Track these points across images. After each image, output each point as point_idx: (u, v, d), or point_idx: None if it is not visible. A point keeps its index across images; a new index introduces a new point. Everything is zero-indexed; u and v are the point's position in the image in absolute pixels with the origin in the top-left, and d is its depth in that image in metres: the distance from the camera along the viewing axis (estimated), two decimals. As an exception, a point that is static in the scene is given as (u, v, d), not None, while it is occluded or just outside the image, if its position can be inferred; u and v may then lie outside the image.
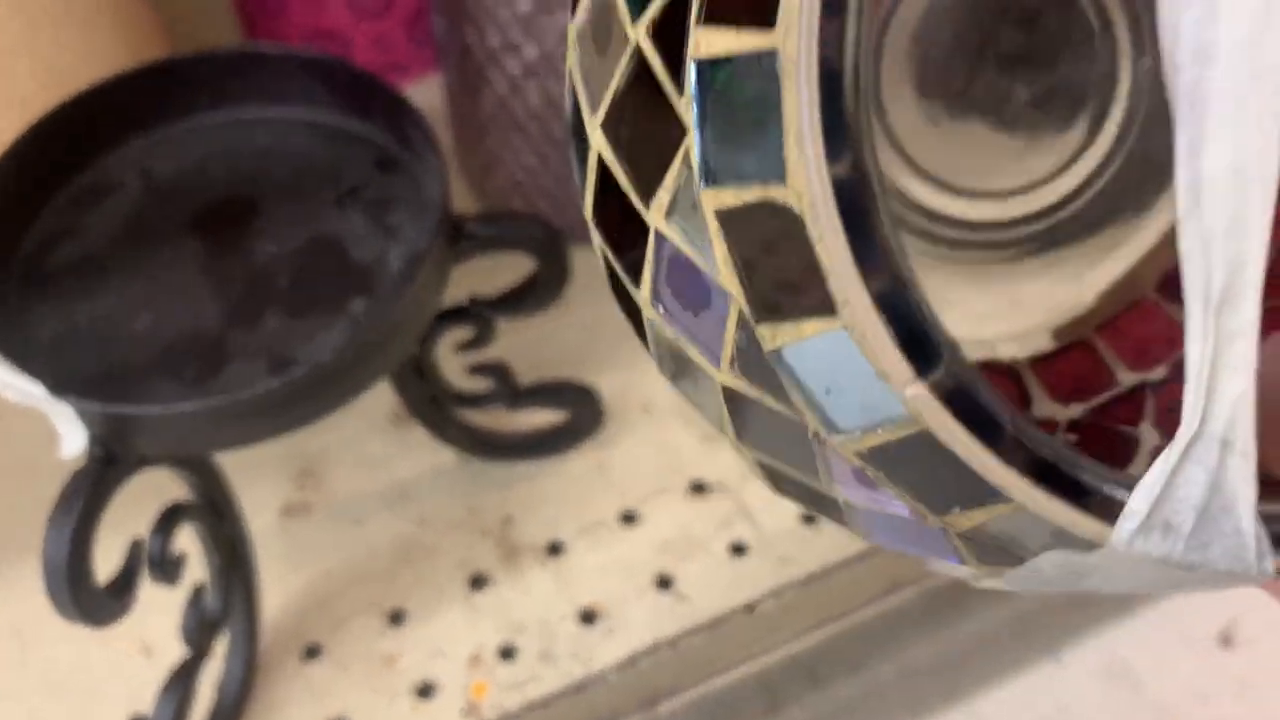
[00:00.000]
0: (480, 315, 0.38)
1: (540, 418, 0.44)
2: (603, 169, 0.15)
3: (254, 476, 0.42)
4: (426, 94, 0.53)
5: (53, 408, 0.30)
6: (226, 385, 0.32)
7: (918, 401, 0.13)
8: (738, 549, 0.42)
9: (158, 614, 0.38)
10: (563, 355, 0.46)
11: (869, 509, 0.15)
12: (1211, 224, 0.11)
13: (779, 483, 0.17)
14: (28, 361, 0.31)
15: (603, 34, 0.15)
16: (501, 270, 0.38)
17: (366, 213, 0.35)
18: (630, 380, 0.46)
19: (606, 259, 0.16)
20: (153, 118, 0.37)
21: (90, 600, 0.31)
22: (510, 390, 0.42)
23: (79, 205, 0.36)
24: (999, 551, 0.14)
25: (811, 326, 0.13)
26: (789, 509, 0.42)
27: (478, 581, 0.41)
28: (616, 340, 0.46)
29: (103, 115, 0.36)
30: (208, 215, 0.36)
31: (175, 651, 0.38)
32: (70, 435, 0.31)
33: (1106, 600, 0.45)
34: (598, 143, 0.15)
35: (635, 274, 0.15)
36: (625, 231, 0.15)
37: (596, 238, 0.16)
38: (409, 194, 0.36)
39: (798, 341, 0.13)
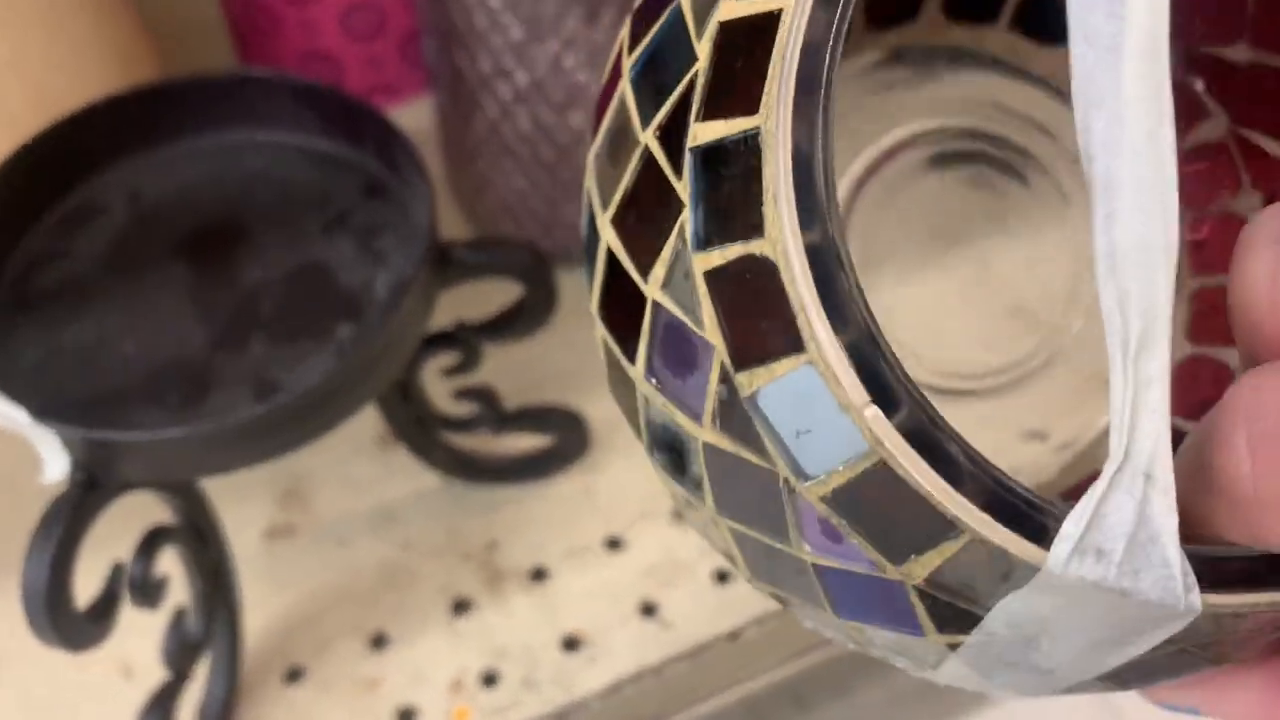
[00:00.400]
0: (466, 340, 0.38)
1: (526, 442, 0.44)
2: (610, 260, 0.17)
3: (238, 498, 0.42)
4: (418, 115, 0.53)
5: (35, 433, 0.30)
6: (212, 411, 0.32)
7: (876, 425, 0.14)
8: (722, 576, 0.42)
9: (138, 636, 0.38)
10: (549, 380, 0.46)
11: (835, 569, 0.16)
12: (1126, 284, 0.13)
13: (753, 562, 0.17)
14: (11, 385, 0.31)
15: (618, 147, 0.17)
16: (489, 294, 0.38)
17: (354, 239, 0.36)
18: (617, 405, 0.46)
19: (607, 345, 0.18)
20: (142, 140, 0.37)
21: (70, 626, 0.31)
22: (496, 414, 0.42)
23: (66, 227, 0.36)
24: (954, 613, 0.15)
25: (782, 366, 0.14)
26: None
27: (461, 606, 0.41)
28: (603, 365, 0.46)
29: (92, 137, 0.36)
30: (195, 239, 0.36)
31: (156, 674, 0.38)
32: (52, 460, 0.31)
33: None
34: (607, 236, 0.17)
35: (631, 352, 0.17)
36: (625, 314, 0.17)
37: (600, 329, 0.18)
38: (397, 220, 0.36)
39: (770, 383, 0.14)
